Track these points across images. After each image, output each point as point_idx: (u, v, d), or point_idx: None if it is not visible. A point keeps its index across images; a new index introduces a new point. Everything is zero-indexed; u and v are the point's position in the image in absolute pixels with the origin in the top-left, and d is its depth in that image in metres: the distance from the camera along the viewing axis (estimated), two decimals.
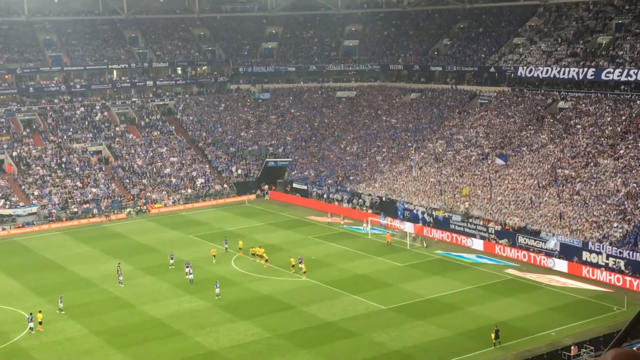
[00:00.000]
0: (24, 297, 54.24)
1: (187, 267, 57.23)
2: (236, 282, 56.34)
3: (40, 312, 47.91)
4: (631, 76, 73.44)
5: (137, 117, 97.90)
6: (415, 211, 71.59)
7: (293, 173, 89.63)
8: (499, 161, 72.66)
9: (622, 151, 66.36)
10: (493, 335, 43.00)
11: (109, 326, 47.92)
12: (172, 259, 60.94)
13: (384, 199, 76.57)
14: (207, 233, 72.24)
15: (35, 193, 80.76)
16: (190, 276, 56.20)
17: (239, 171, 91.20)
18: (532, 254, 59.33)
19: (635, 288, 51.56)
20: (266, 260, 60.39)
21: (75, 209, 79.79)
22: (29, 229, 75.57)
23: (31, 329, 46.72)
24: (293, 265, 57.92)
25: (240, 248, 64.09)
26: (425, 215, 70.22)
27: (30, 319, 47.01)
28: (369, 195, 78.43)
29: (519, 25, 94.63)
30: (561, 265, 56.94)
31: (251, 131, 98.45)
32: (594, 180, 64.16)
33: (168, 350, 43.97)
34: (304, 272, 56.74)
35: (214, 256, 61.84)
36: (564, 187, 64.89)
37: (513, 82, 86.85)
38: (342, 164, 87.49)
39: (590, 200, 61.82)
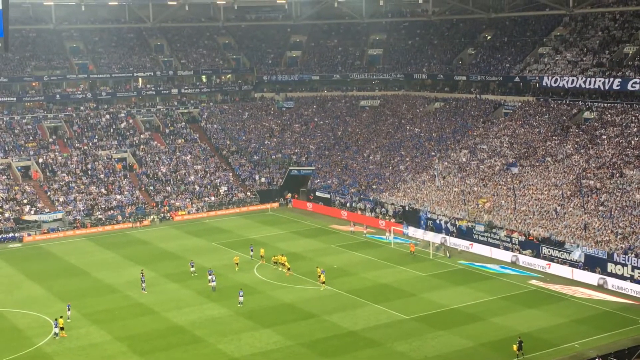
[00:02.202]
0: (48, 302, 54.66)
1: (210, 274, 57.45)
2: (258, 290, 56.42)
3: (61, 317, 48.31)
4: None
5: (162, 124, 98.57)
6: (438, 221, 71.35)
7: (316, 181, 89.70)
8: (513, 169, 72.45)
9: None
10: (516, 347, 42.69)
11: (132, 332, 48.20)
12: (192, 266, 61.19)
13: (407, 208, 76.38)
14: (230, 241, 72.46)
15: (61, 199, 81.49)
16: (213, 284, 56.39)
17: (262, 179, 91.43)
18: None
19: None
20: (288, 269, 60.45)
21: (100, 216, 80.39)
22: (54, 235, 76.23)
23: (56, 334, 47.11)
24: (320, 275, 57.76)
25: (261, 256, 64.24)
26: (449, 225, 69.97)
27: (55, 324, 47.46)
28: (392, 204, 78.27)
29: (544, 34, 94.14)
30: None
31: (275, 139, 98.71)
32: (620, 191, 63.60)
33: (190, 357, 44.13)
34: (323, 282, 56.64)
35: (237, 264, 62.03)
36: (589, 198, 64.38)
37: (538, 92, 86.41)
38: (365, 172, 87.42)
39: (616, 211, 61.28)
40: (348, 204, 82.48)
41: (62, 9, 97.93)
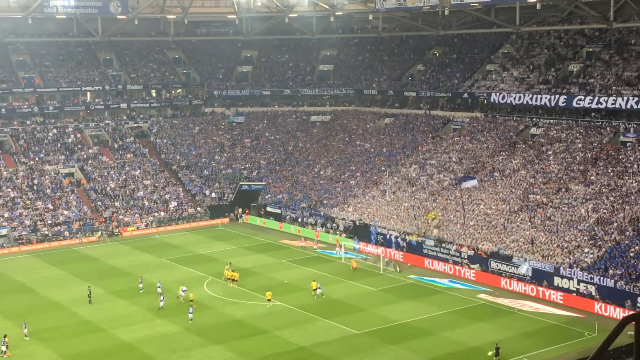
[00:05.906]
0: None
1: (159, 287, 57.03)
2: (209, 305, 55.94)
3: (5, 336, 47.15)
4: (601, 104, 74.52)
5: (111, 139, 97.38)
6: (388, 236, 71.72)
7: (267, 197, 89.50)
8: (470, 183, 72.97)
9: (592, 177, 67.10)
10: (493, 353, 43.26)
11: (79, 350, 47.29)
12: (141, 282, 60.33)
13: (357, 223, 76.64)
14: (180, 256, 71.80)
15: (6, 215, 79.83)
16: (162, 303, 55.43)
17: (213, 194, 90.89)
18: None
19: (606, 313, 51.97)
20: (233, 280, 60.86)
21: (46, 232, 78.96)
22: None
23: (3, 352, 45.96)
24: (315, 289, 57.76)
25: (225, 273, 63.19)
26: (399, 240, 70.39)
27: (3, 342, 46.30)
28: (343, 219, 78.47)
29: (492, 52, 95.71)
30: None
31: (225, 154, 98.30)
32: (565, 205, 64.75)
33: None
34: (269, 300, 56.08)
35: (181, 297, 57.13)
36: (535, 213, 65.40)
37: (486, 108, 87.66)
38: (316, 187, 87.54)
39: (562, 225, 62.34)
40: (299, 219, 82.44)
41: (8, 21, 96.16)
